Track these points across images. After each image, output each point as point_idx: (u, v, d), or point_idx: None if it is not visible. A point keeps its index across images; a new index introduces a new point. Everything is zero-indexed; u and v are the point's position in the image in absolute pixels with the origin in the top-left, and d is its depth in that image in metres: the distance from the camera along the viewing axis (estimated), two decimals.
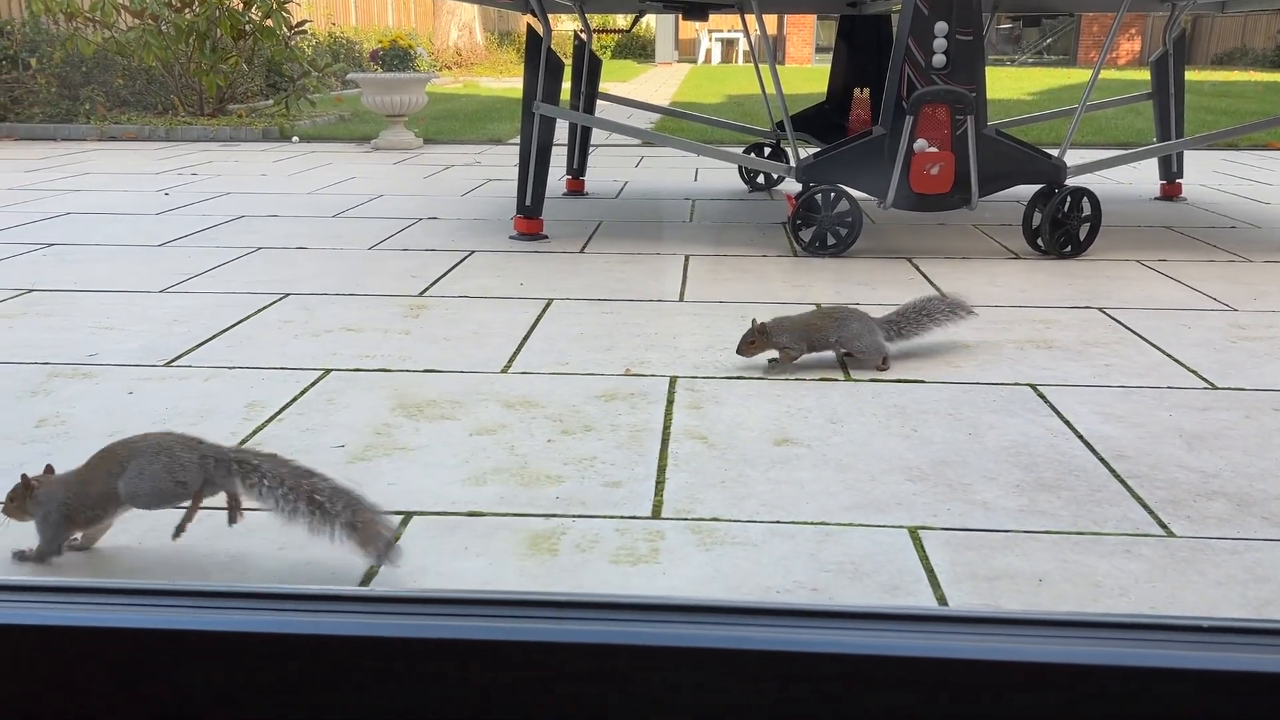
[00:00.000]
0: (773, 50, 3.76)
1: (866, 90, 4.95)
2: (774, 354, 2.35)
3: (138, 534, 1.56)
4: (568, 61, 4.34)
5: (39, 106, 8.15)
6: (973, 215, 4.30)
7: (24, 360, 2.38)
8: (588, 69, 4.74)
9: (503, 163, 6.42)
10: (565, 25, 13.93)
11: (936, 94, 3.40)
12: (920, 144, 3.43)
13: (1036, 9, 4.80)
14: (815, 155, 3.60)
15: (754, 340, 2.30)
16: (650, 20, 23.45)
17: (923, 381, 2.27)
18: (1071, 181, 3.57)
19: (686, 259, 3.57)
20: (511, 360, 2.44)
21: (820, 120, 4.92)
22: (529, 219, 3.91)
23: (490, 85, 14.13)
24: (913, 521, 1.61)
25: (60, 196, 4.91)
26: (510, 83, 14.82)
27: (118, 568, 1.50)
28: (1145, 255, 3.62)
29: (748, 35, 4.89)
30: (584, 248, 3.78)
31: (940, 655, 0.71)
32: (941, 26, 3.37)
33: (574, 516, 1.63)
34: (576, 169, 5.09)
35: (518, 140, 3.85)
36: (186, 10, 7.92)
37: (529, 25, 3.88)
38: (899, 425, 2.01)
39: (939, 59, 3.40)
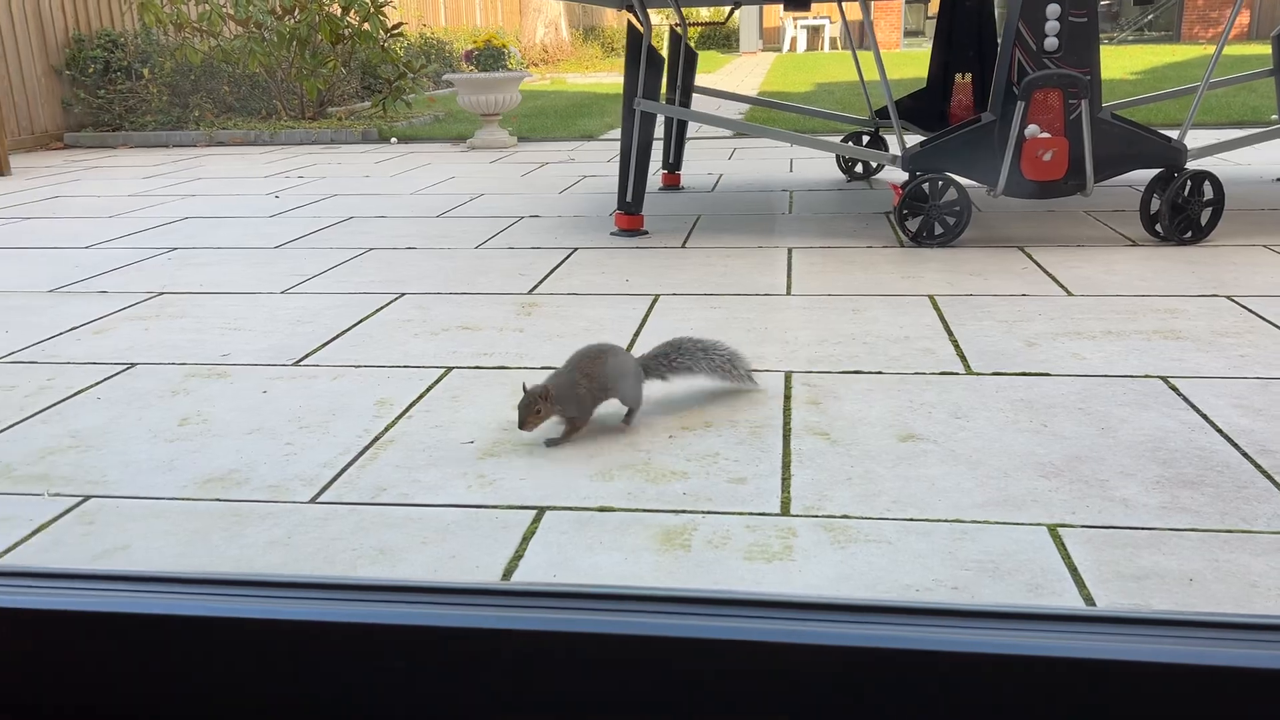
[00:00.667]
0: (873, 37, 3.70)
1: (968, 76, 4.85)
2: (555, 421, 1.95)
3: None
4: (662, 55, 4.35)
5: (151, 115, 8.49)
6: (1084, 201, 4.18)
7: (163, 361, 2.49)
8: (684, 63, 4.74)
9: (596, 159, 6.47)
10: (656, 19, 13.93)
11: (1049, 78, 3.31)
12: (1032, 129, 3.35)
13: None
14: (922, 143, 3.54)
15: (538, 409, 1.87)
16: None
17: (1048, 375, 2.22)
18: (1192, 165, 3.45)
19: (790, 251, 3.55)
20: None
21: (921, 107, 4.84)
22: (630, 215, 3.93)
23: (577, 81, 14.22)
24: (1051, 519, 1.58)
25: (177, 202, 5.11)
26: (596, 78, 14.90)
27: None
28: (1272, 239, 3.47)
29: (844, 20, 4.84)
30: (685, 242, 3.79)
31: (1091, 657, 0.70)
32: (1054, 9, 3.28)
33: (703, 513, 1.64)
34: (672, 163, 5.09)
35: (610, 136, 3.87)
36: (288, 17, 8.16)
37: (629, 22, 3.89)
38: (1027, 420, 1.97)
39: (1051, 42, 3.31)
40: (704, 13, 7.11)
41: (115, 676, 0.94)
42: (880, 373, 2.27)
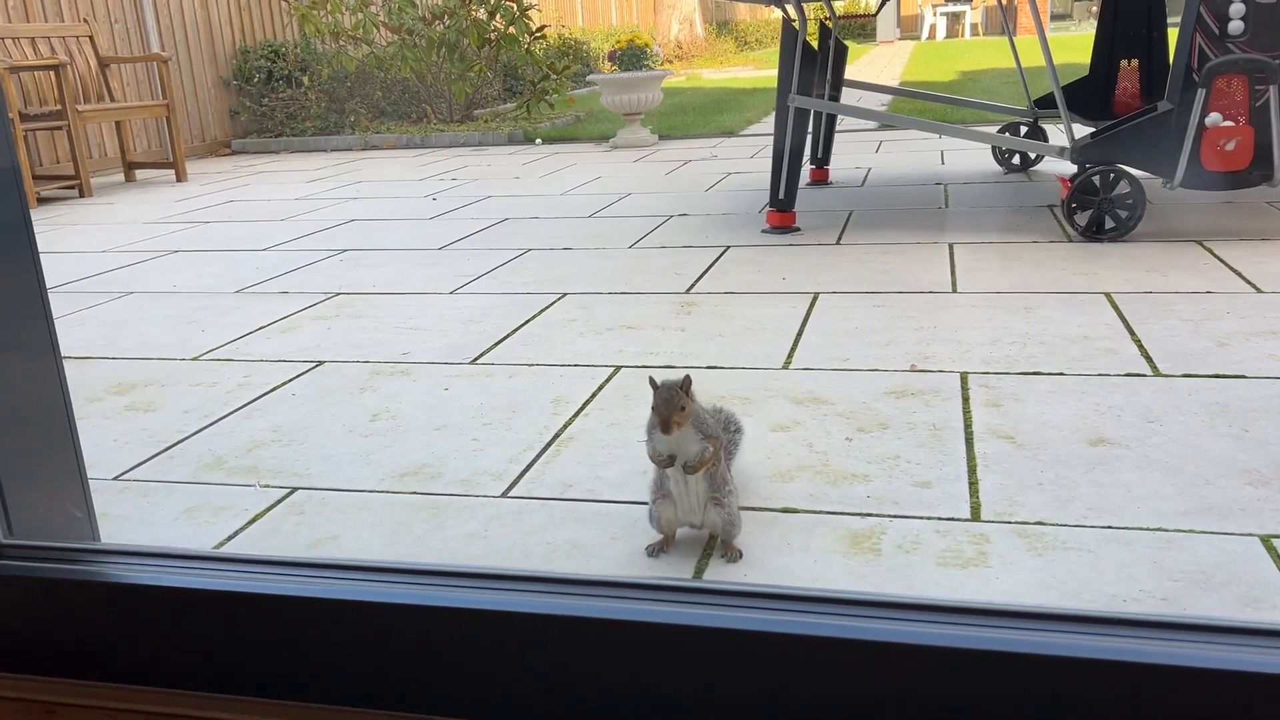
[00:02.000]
0: (1010, 21, 3.57)
1: (1135, 61, 4.64)
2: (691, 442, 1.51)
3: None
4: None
5: (310, 120, 8.91)
6: (1268, 193, 3.94)
7: (348, 359, 2.62)
8: (834, 56, 4.69)
9: (738, 155, 6.46)
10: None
11: (1233, 63, 3.14)
12: (1214, 118, 3.18)
13: None
14: (1093, 134, 3.41)
15: (682, 404, 1.47)
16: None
17: (1243, 376, 2.12)
18: None
19: (951, 247, 3.47)
20: (790, 356, 2.46)
21: (1084, 95, 4.65)
22: (782, 212, 3.92)
23: (713, 76, 14.22)
24: (1263, 529, 1.51)
25: (341, 204, 5.35)
26: (731, 72, 14.86)
27: None
28: None
29: (1001, 4, 4.69)
30: (840, 239, 3.75)
31: None
32: None
33: (890, 516, 1.63)
34: (821, 158, 5.05)
35: (750, 132, 3.86)
36: (437, 23, 8.43)
37: (784, 17, 3.88)
38: (1225, 425, 1.88)
39: (1236, 25, 3.13)
40: (839, 3, 7.00)
41: (342, 658, 1.00)
42: (1061, 374, 2.20)
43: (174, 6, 8.35)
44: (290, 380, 2.48)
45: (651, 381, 1.50)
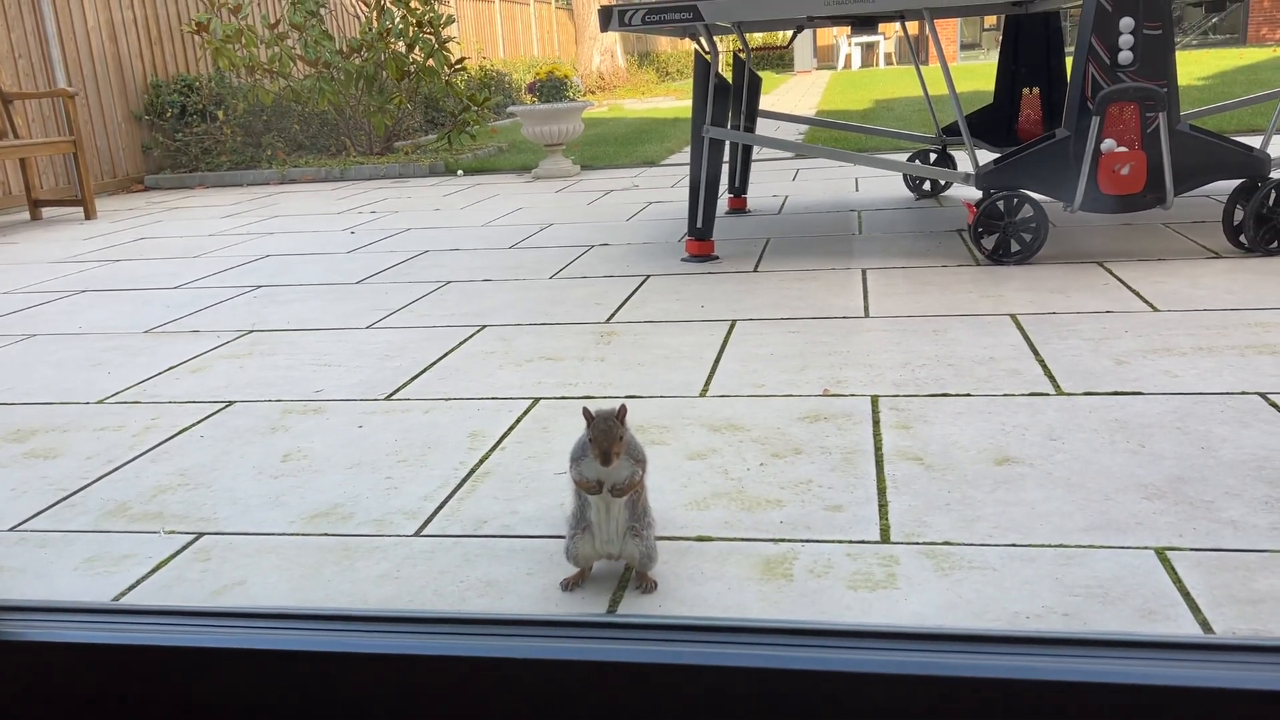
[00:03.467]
0: (920, 52, 3.69)
1: (1035, 90, 4.81)
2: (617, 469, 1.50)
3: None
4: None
5: (226, 155, 8.76)
6: (1163, 214, 4.11)
7: (259, 399, 2.57)
8: (748, 87, 4.78)
9: (659, 184, 6.52)
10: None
11: (1124, 92, 3.27)
12: (1108, 144, 3.31)
13: None
14: (995, 160, 3.52)
15: (620, 434, 1.49)
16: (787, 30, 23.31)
17: (1141, 393, 2.19)
18: (1276, 173, 3.37)
19: (864, 272, 3.55)
20: (708, 383, 2.48)
21: (988, 123, 4.80)
22: (700, 240, 3.96)
23: (635, 107, 14.35)
24: (1158, 542, 1.56)
25: (256, 240, 5.26)
26: (653, 103, 15.01)
27: None
28: None
29: (906, 36, 4.83)
30: (757, 266, 3.80)
31: (1215, 686, 0.70)
32: (1127, 22, 3.24)
33: (802, 541, 1.65)
34: (738, 187, 5.12)
35: (671, 162, 3.91)
36: (355, 56, 8.38)
37: (696, 51, 3.94)
38: (1124, 441, 1.95)
39: (1126, 55, 3.27)
40: (758, 36, 7.14)
41: (247, 711, 0.97)
42: (969, 395, 2.26)
43: (81, 40, 8.16)
44: (199, 422, 2.42)
45: (586, 413, 1.50)
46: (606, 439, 1.47)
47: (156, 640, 1.00)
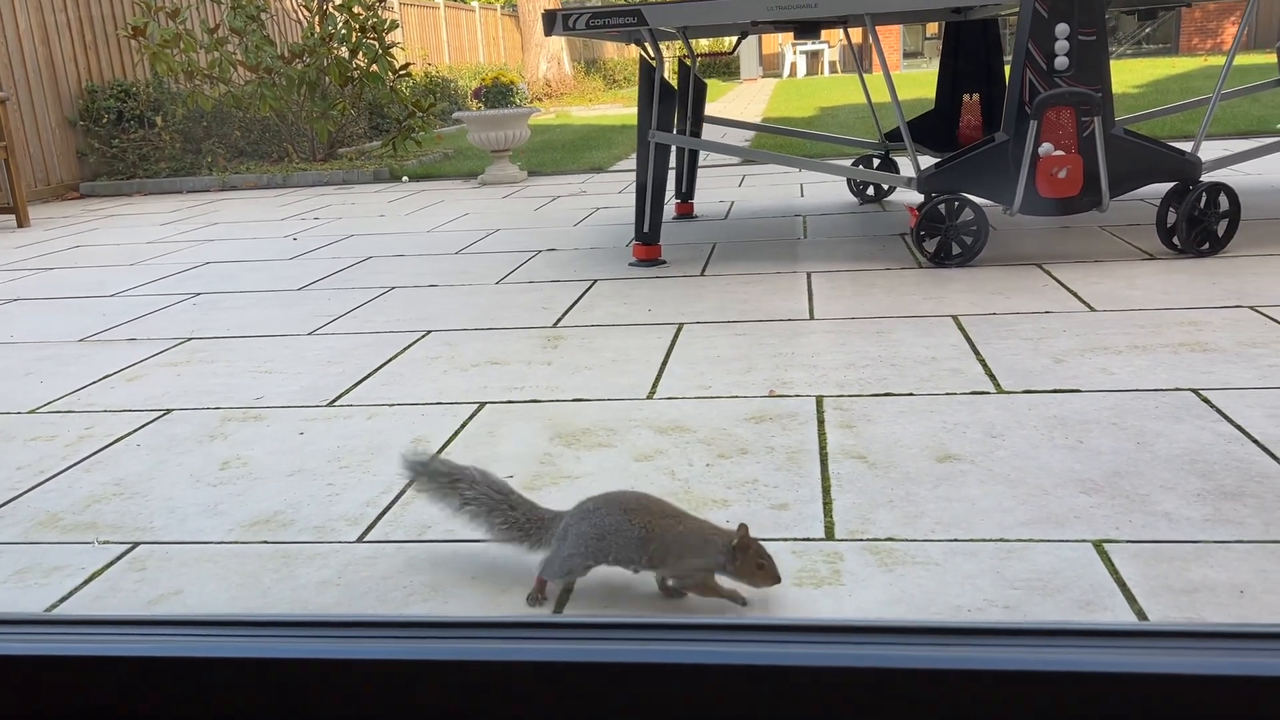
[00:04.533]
0: (864, 60, 3.74)
1: (976, 96, 4.89)
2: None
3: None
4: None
5: (165, 162, 8.59)
6: (1099, 217, 4.20)
7: (198, 406, 2.52)
8: (693, 93, 4.79)
9: (607, 190, 6.52)
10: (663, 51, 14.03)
11: (1060, 97, 3.34)
12: (1046, 148, 3.38)
13: (1151, 1, 4.68)
14: (936, 165, 3.57)
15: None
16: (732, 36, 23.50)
17: (1079, 391, 2.23)
18: (1207, 177, 3.47)
19: (809, 276, 3.57)
20: (655, 386, 2.48)
21: (930, 128, 4.88)
22: (648, 245, 3.97)
23: (582, 114, 14.35)
24: (1095, 535, 1.59)
25: (196, 247, 5.17)
26: (601, 110, 15.02)
27: None
28: None
29: (850, 45, 4.89)
30: (704, 270, 3.82)
31: (1149, 671, 0.71)
32: (1063, 28, 3.31)
33: None
34: (685, 192, 5.14)
35: (619, 167, 3.91)
36: (297, 61, 8.27)
37: (641, 56, 3.94)
38: (1062, 437, 1.98)
39: (1061, 61, 3.34)
40: (704, 43, 7.18)
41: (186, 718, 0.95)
42: (911, 394, 2.28)
43: (12, 44, 7.96)
44: (135, 430, 2.36)
45: (743, 532, 1.41)
46: (773, 570, 1.42)
47: (87, 650, 0.97)
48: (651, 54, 3.86)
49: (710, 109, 11.64)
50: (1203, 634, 0.74)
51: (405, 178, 7.87)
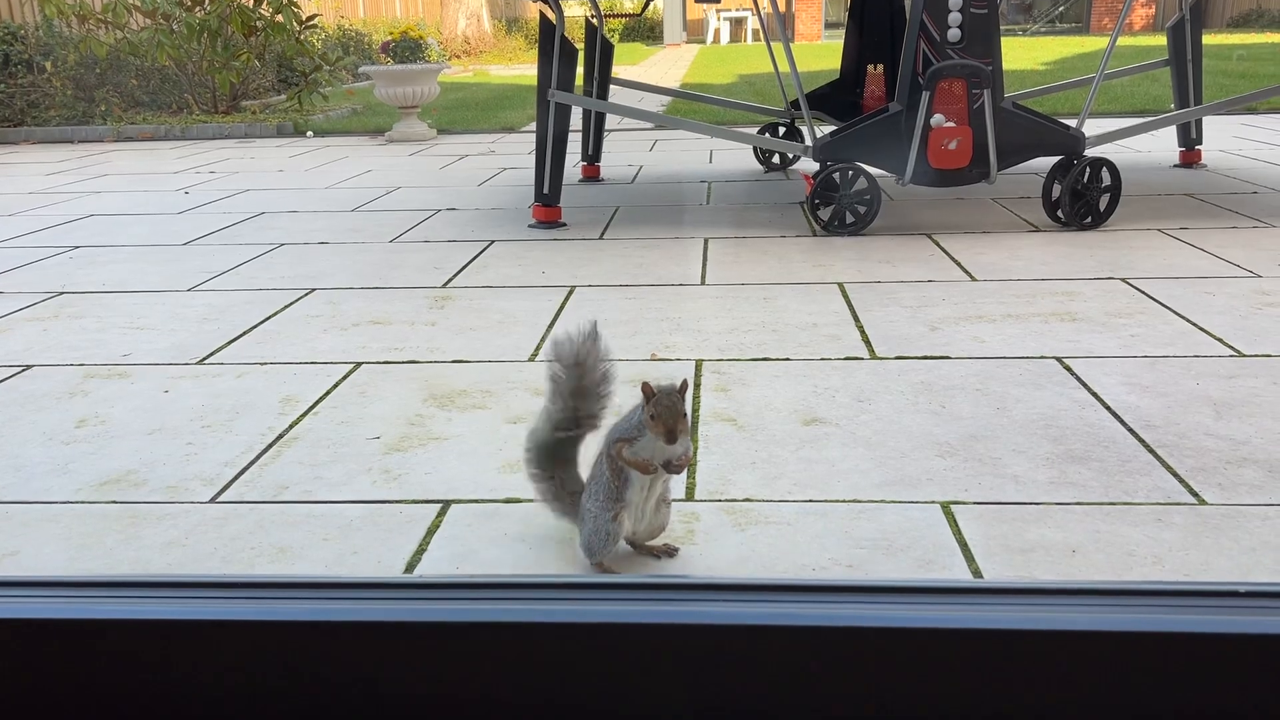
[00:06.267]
0: (786, 28, 3.76)
1: (880, 66, 4.93)
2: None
3: None
4: (580, 48, 4.34)
5: (55, 109, 8.21)
6: (991, 189, 4.29)
7: (60, 362, 2.42)
8: (600, 54, 4.74)
9: (517, 150, 6.44)
10: (574, 10, 13.85)
11: (952, 68, 3.39)
12: (937, 119, 3.43)
13: None
14: (832, 134, 3.60)
15: (684, 412, 1.40)
16: (658, 1, 23.33)
17: (949, 358, 2.28)
18: (1090, 152, 3.56)
19: (706, 242, 3.58)
20: (538, 348, 2.46)
21: (835, 98, 4.91)
22: (547, 207, 3.93)
23: (500, 73, 14.12)
24: (944, 496, 1.63)
25: (81, 199, 4.96)
26: (520, 69, 14.80)
27: None
28: (1166, 224, 3.60)
29: (759, 13, 4.89)
30: (603, 234, 3.80)
31: (976, 626, 0.73)
32: (956, 1, 3.35)
33: None
34: (591, 155, 5.09)
35: (531, 128, 3.86)
36: (197, 8, 7.95)
37: (541, 13, 3.88)
38: (926, 402, 2.02)
39: (954, 33, 3.39)
40: (627, 4, 7.10)
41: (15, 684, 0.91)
42: (788, 359, 2.31)
43: None
44: None
45: (646, 388, 1.38)
46: (672, 416, 1.36)
47: None
48: (551, 12, 3.80)
49: (632, 73, 11.54)
50: (1025, 590, 0.75)
51: (310, 133, 7.66)
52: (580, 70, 4.34)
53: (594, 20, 4.77)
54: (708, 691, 0.87)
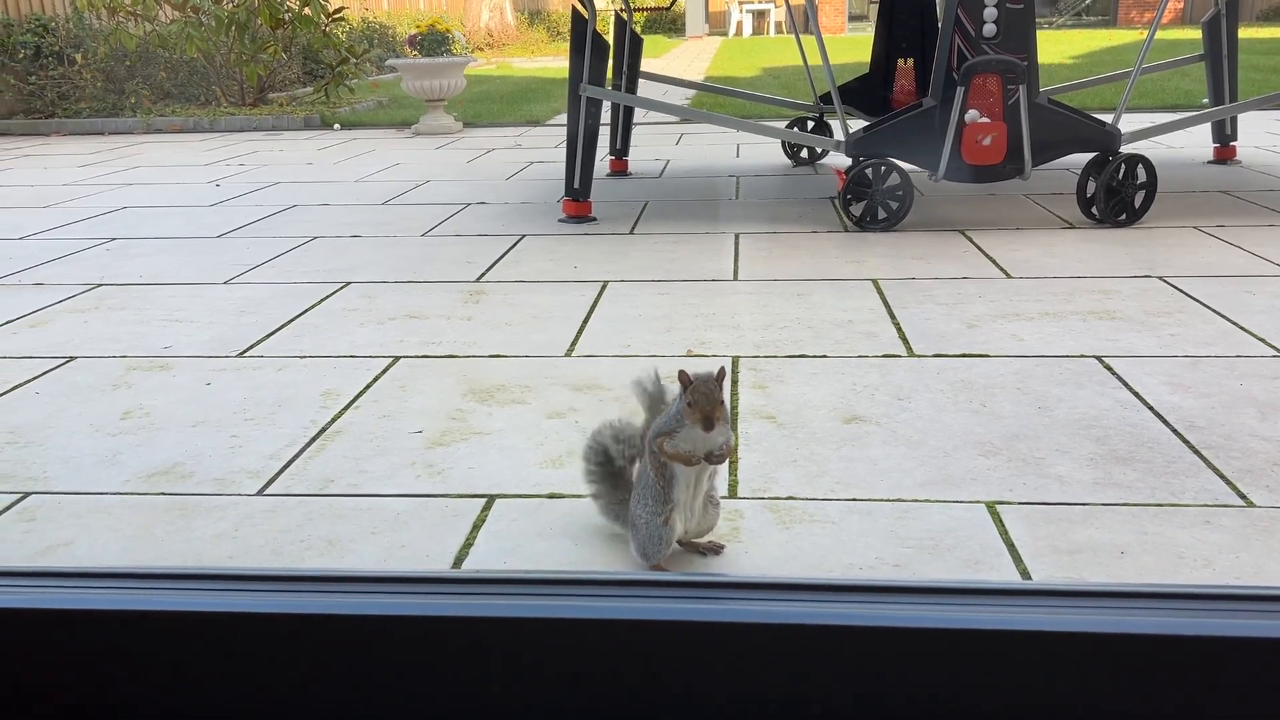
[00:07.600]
0: (816, 22, 3.74)
1: (910, 60, 4.91)
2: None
3: None
4: (608, 39, 4.34)
5: (85, 101, 8.28)
6: (1024, 185, 4.26)
7: (103, 354, 2.45)
8: (629, 48, 4.74)
9: (543, 144, 6.44)
10: (601, 3, 13.82)
11: (988, 64, 3.37)
12: (972, 115, 3.41)
13: None
14: (865, 129, 3.58)
15: (722, 400, 1.37)
16: None
17: (987, 356, 2.27)
18: (1126, 148, 3.53)
19: (737, 237, 3.58)
20: (574, 343, 2.47)
21: (864, 92, 4.89)
22: (578, 201, 3.93)
23: (523, 65, 14.13)
24: (989, 496, 1.62)
25: (115, 190, 5.00)
26: (543, 62, 14.80)
27: None
28: (1203, 221, 3.57)
29: (789, 6, 4.87)
30: (633, 228, 3.80)
31: (1028, 629, 0.73)
32: None
33: None
34: (620, 149, 5.09)
35: (556, 121, 3.87)
36: (226, 1, 8.00)
37: (574, 8, 3.88)
38: (967, 400, 2.02)
39: (989, 28, 3.36)
40: None
41: (60, 674, 0.93)
42: (825, 356, 2.30)
43: None
44: (35, 378, 2.29)
45: (683, 376, 1.35)
46: (709, 403, 1.33)
47: None
48: (584, 8, 3.80)
49: (654, 66, 11.53)
50: (1079, 593, 0.75)
51: (337, 125, 7.70)
52: (608, 64, 4.34)
53: (623, 14, 4.77)
54: (756, 688, 0.88)
